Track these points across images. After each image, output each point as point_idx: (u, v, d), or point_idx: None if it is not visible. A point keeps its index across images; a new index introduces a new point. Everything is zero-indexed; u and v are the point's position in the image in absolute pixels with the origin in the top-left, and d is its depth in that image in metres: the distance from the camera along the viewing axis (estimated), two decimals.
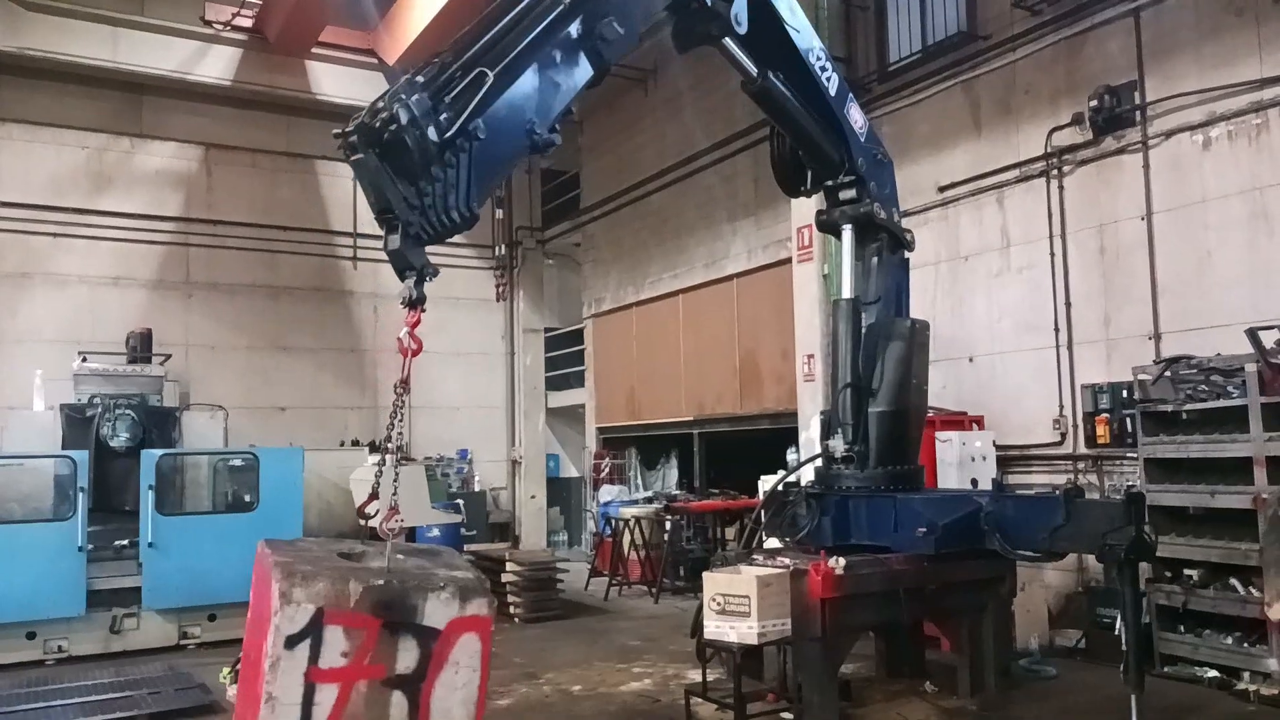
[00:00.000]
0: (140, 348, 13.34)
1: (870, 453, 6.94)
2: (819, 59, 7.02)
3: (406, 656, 3.78)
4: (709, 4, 6.09)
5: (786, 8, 6.68)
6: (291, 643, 3.60)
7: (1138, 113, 8.73)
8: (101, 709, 7.10)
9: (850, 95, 7.44)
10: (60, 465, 9.81)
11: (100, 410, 11.29)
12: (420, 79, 4.47)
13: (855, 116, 7.38)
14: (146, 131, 15.28)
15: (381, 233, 4.57)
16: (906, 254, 7.70)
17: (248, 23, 15.20)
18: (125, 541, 10.03)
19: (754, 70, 6.73)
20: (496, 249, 16.98)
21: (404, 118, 4.24)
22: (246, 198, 15.91)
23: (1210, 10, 8.26)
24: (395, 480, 4.22)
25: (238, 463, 11.23)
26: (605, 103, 16.71)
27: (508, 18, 4.89)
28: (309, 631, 3.61)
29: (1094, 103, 8.93)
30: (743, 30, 6.28)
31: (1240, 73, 8.03)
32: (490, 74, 4.56)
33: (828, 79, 7.07)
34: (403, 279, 4.40)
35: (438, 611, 3.82)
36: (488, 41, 4.76)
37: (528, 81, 4.90)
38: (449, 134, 4.36)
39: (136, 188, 15.17)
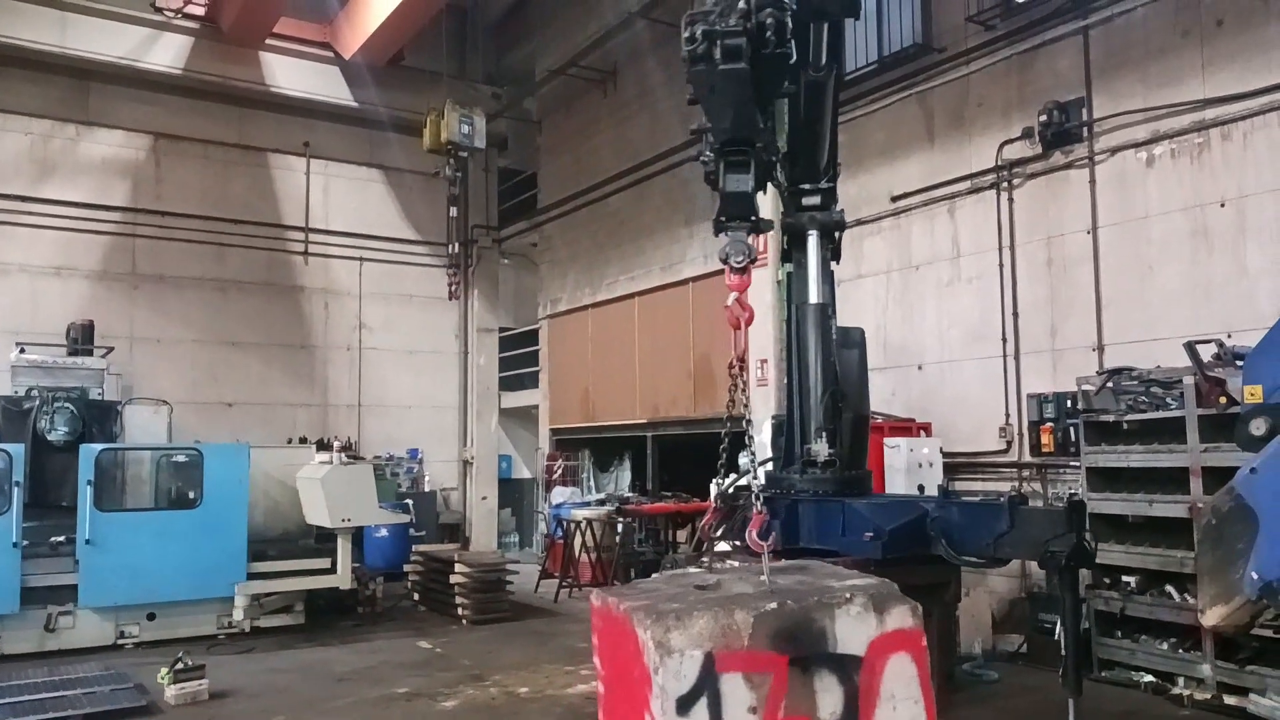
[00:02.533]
0: (81, 340, 13.02)
1: (839, 457, 6.99)
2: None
3: (829, 699, 2.98)
4: None
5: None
6: (684, 706, 2.85)
7: (1085, 129, 8.92)
8: (35, 709, 6.91)
9: None
10: None
11: (38, 403, 11.00)
12: None
13: None
14: (93, 119, 14.90)
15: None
16: (834, 265, 7.77)
17: (200, 11, 14.95)
18: (62, 538, 9.80)
19: (824, 59, 6.64)
20: (450, 247, 16.83)
21: (774, 25, 3.58)
22: (196, 189, 15.60)
23: (1157, 30, 8.46)
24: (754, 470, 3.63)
25: (181, 458, 11.01)
26: (564, 104, 16.68)
27: None
28: (702, 686, 2.88)
29: (1044, 117, 9.10)
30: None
31: (1184, 92, 8.24)
32: None
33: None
34: (732, 232, 3.66)
35: (853, 632, 3.07)
36: None
37: None
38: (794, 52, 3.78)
39: (82, 176, 14.79)
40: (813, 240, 7.33)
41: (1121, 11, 8.67)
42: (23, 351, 12.16)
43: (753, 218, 3.64)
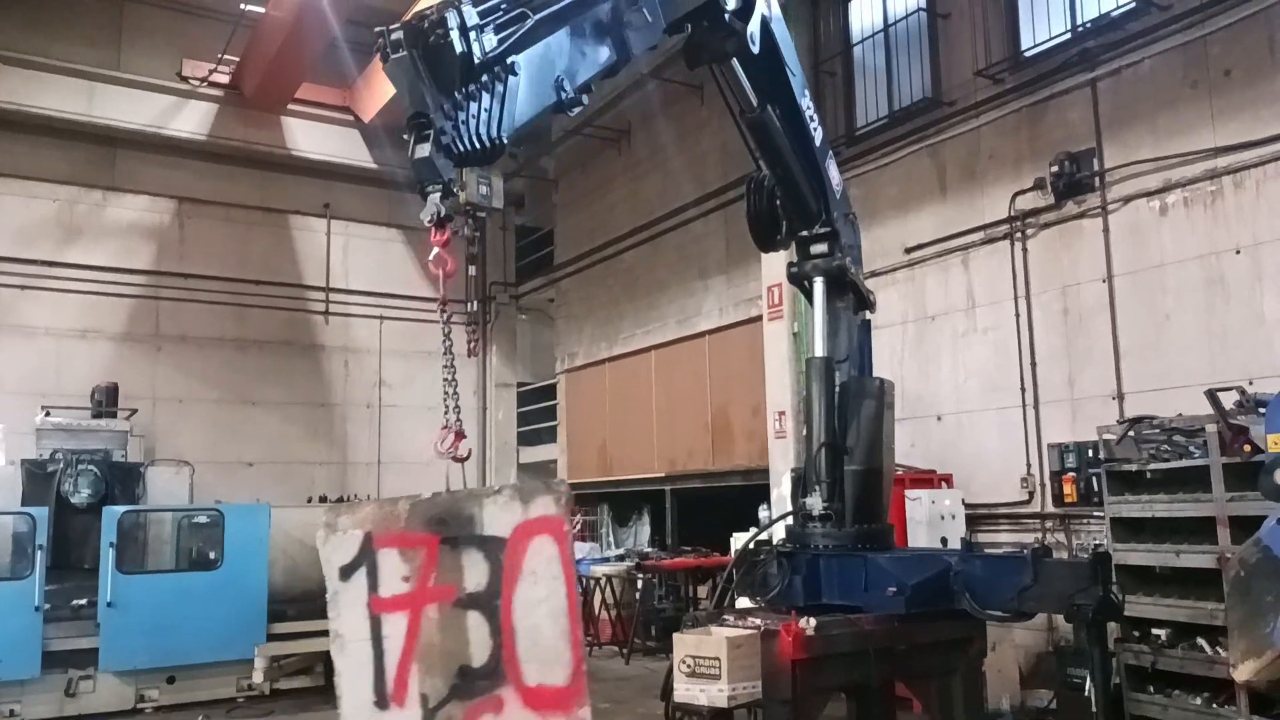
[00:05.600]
0: (106, 402, 13.15)
1: (845, 511, 6.94)
2: (809, 108, 7.16)
3: (475, 573, 3.39)
4: (726, 18, 6.11)
5: (788, 49, 6.82)
6: (346, 573, 3.39)
7: (1097, 179, 8.98)
8: None
9: (830, 153, 7.60)
10: (19, 522, 9.63)
11: (62, 466, 11.09)
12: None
13: (833, 173, 7.52)
14: (119, 184, 15.25)
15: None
16: (868, 315, 7.79)
17: (224, 79, 15.33)
18: (84, 601, 9.80)
19: (755, 98, 6.79)
20: (469, 304, 16.95)
21: (453, 23, 4.19)
22: (218, 251, 15.87)
23: (1165, 82, 8.55)
24: (456, 406, 4.13)
25: (202, 519, 11.04)
26: (580, 162, 16.94)
27: None
28: (362, 559, 3.39)
29: (1055, 168, 9.18)
30: (756, 49, 6.36)
31: (1194, 142, 8.30)
32: (533, 16, 4.60)
33: (815, 129, 7.22)
34: (424, 193, 4.26)
35: (498, 518, 3.44)
36: None
37: (562, 39, 4.96)
38: (490, 55, 4.32)
39: (107, 240, 15.10)
40: (818, 288, 7.35)
41: (1129, 64, 8.78)
42: (48, 415, 12.30)
43: (443, 181, 4.27)
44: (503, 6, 4.60)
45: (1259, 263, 7.83)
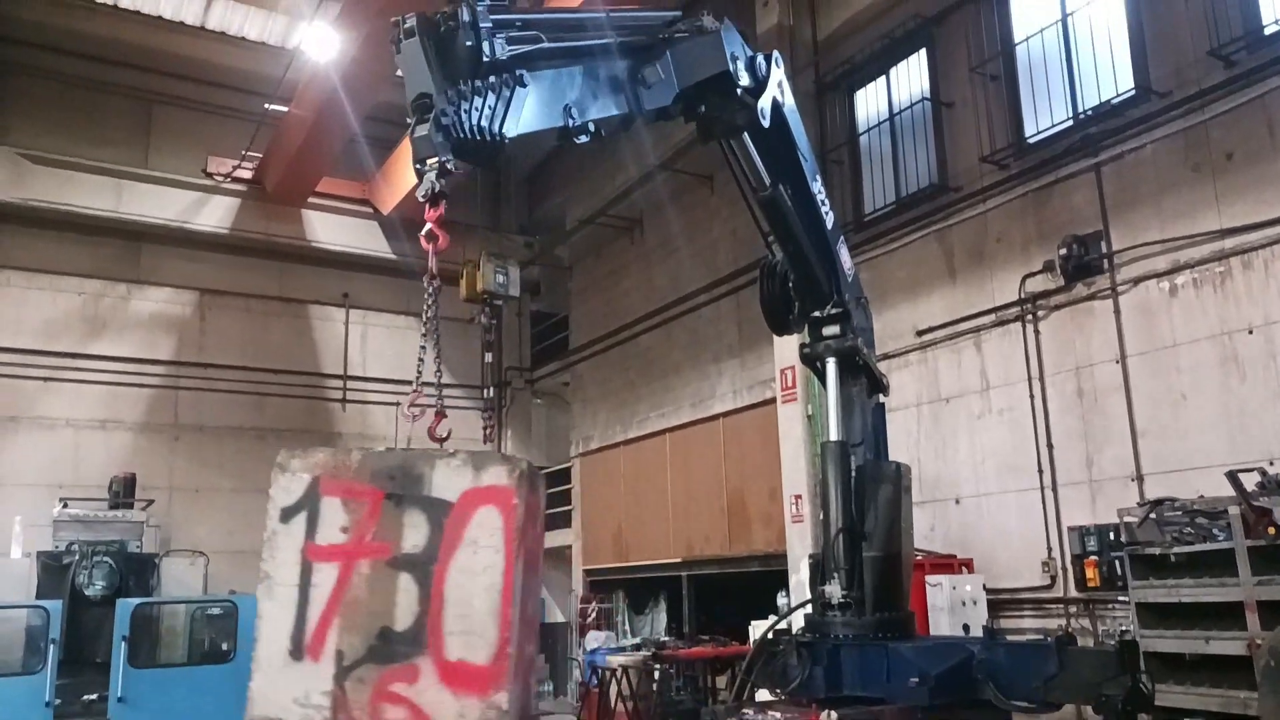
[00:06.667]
0: (123, 492, 13.22)
1: (865, 599, 6.84)
2: (820, 192, 7.27)
3: (414, 534, 3.23)
4: (739, 93, 6.23)
5: (800, 134, 6.95)
6: (287, 515, 3.30)
7: (1105, 261, 9.06)
8: None
9: (841, 237, 7.70)
10: (33, 616, 9.59)
11: (77, 558, 11.10)
12: (489, 3, 4.57)
13: (845, 258, 7.59)
14: (144, 277, 15.60)
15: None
16: (883, 397, 7.79)
17: (247, 174, 15.79)
18: (95, 696, 9.70)
19: (767, 177, 6.88)
20: (485, 391, 17.11)
21: (465, 18, 4.33)
22: (237, 341, 16.12)
23: (1168, 166, 8.69)
24: (439, 378, 4.20)
25: (216, 611, 10.97)
26: (594, 250, 17.22)
27: (580, 16, 5.22)
28: (305, 503, 3.29)
29: (1063, 251, 9.27)
30: (766, 123, 6.47)
31: (1200, 224, 8.39)
32: (545, 39, 4.77)
33: (826, 213, 7.32)
34: (421, 172, 4.27)
35: (448, 481, 3.27)
36: (554, 20, 5.02)
37: (575, 73, 5.11)
38: (498, 59, 4.44)
39: (129, 331, 15.37)
40: (830, 369, 7.35)
41: (1131, 149, 8.94)
42: (65, 506, 12.36)
43: (440, 160, 4.26)
44: (518, 23, 4.76)
45: (1272, 341, 7.84)
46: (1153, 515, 7.73)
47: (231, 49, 15.56)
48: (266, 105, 14.56)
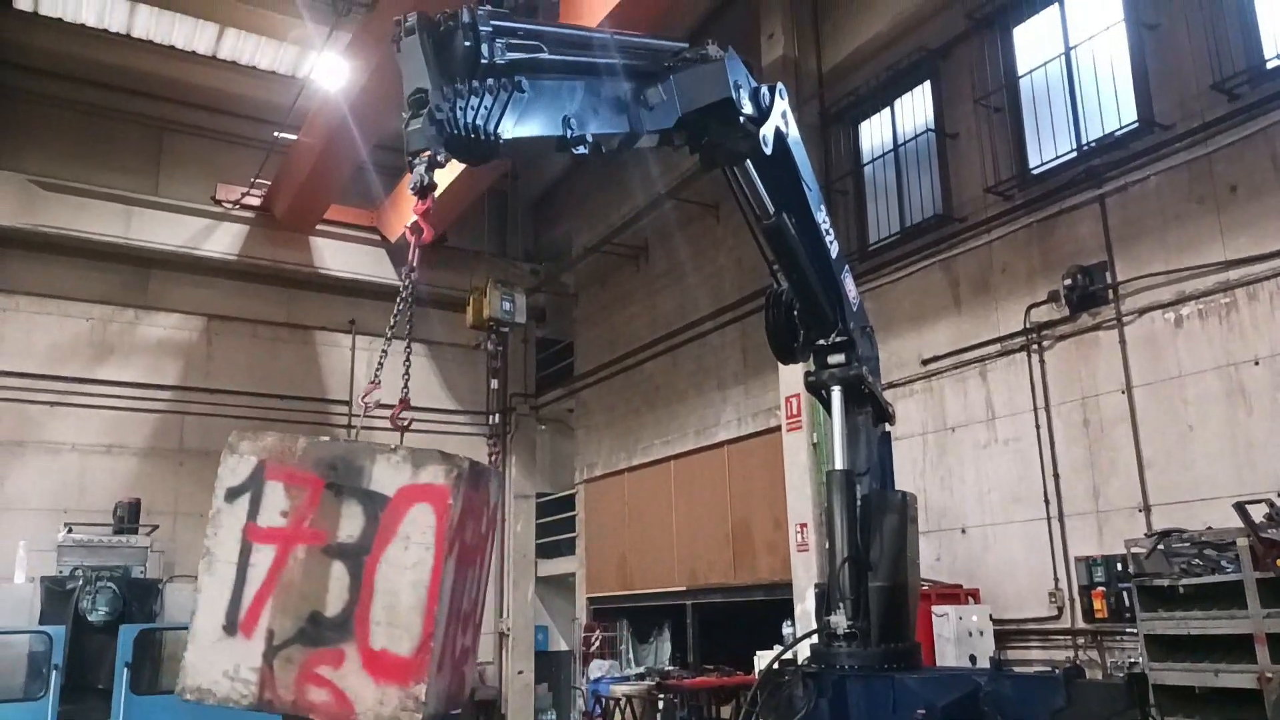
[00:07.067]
0: (128, 518, 13.20)
1: (871, 629, 6.80)
2: (825, 222, 7.29)
3: (350, 524, 3.37)
4: (741, 121, 6.23)
5: (803, 161, 6.97)
6: (232, 495, 3.46)
7: (1110, 291, 9.08)
8: None
9: (846, 266, 7.72)
10: (35, 641, 9.56)
11: (81, 583, 11.07)
12: (491, 7, 4.60)
13: (850, 286, 7.60)
14: (151, 303, 15.67)
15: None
16: (888, 427, 7.79)
17: (256, 201, 15.91)
18: None
19: (771, 205, 6.89)
20: (490, 417, 17.13)
21: (465, 19, 4.37)
22: (244, 366, 16.16)
23: (1172, 198, 8.73)
24: (406, 373, 4.31)
25: None
26: (599, 277, 17.30)
27: (587, 34, 5.24)
28: (250, 485, 3.46)
29: (1068, 281, 9.30)
30: (769, 151, 6.48)
31: (1205, 255, 8.42)
32: (547, 51, 4.80)
33: (830, 242, 7.34)
34: (412, 164, 4.31)
35: (387, 476, 3.42)
36: (559, 35, 5.03)
37: (575, 86, 5.13)
38: (496, 62, 4.47)
39: (136, 357, 15.42)
40: (836, 397, 7.35)
41: (1135, 181, 8.98)
42: (70, 531, 12.35)
43: (430, 153, 4.29)
44: (520, 32, 4.78)
45: (1278, 374, 7.84)
46: (1160, 546, 7.69)
47: (242, 78, 15.75)
48: (276, 133, 14.69)
